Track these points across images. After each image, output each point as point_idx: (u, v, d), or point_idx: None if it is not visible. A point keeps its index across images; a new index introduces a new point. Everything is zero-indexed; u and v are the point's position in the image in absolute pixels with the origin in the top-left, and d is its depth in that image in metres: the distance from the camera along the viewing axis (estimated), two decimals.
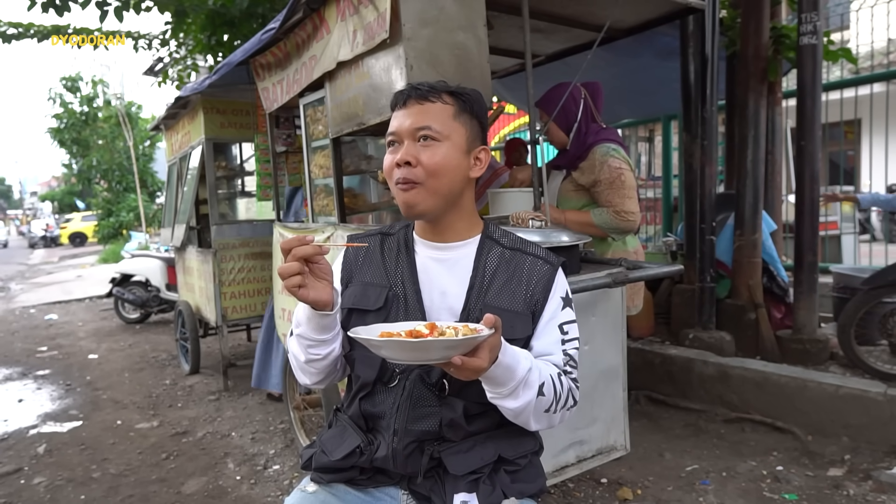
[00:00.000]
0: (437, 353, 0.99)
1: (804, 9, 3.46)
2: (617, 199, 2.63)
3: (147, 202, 16.49)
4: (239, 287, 4.37)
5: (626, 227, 2.67)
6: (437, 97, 1.22)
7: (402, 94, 1.24)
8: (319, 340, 1.20)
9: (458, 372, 1.01)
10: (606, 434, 2.31)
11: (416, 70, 1.98)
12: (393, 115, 1.25)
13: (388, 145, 1.26)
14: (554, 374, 1.19)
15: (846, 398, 2.95)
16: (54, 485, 3.07)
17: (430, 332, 1.03)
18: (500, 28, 3.15)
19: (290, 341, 1.27)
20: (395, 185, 1.22)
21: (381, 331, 1.06)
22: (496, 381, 1.09)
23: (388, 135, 1.25)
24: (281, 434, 3.54)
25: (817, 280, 3.66)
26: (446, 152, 1.20)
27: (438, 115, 1.21)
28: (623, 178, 2.63)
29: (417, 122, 1.20)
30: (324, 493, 1.27)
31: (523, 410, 1.14)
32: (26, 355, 6.04)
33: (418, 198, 1.20)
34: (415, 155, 1.19)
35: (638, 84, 4.56)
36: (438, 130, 1.20)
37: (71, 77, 19.05)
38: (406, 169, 1.19)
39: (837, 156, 6.34)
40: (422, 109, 1.21)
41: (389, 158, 1.23)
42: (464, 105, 1.24)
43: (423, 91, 1.22)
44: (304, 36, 2.65)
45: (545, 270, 1.27)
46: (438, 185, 1.20)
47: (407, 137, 1.21)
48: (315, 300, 1.11)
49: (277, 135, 3.52)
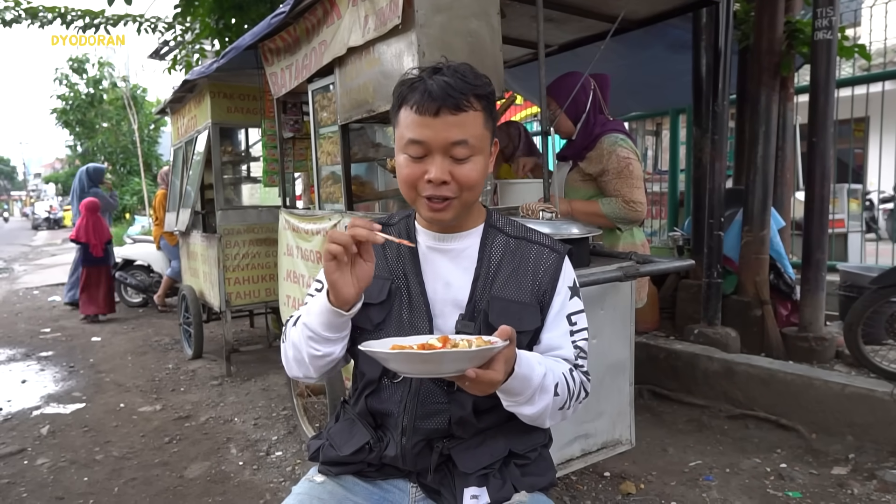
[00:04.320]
0: (450, 366, 0.95)
1: (820, 3, 3.42)
2: (625, 189, 2.63)
3: (151, 186, 16.47)
4: (243, 273, 4.36)
5: (635, 217, 2.67)
6: (469, 104, 1.10)
7: (432, 100, 1.09)
8: (324, 338, 1.14)
9: (473, 386, 0.98)
10: (612, 428, 2.30)
11: (429, 57, 1.95)
12: (414, 116, 1.10)
13: (404, 148, 1.14)
14: (566, 370, 1.17)
15: (852, 397, 2.94)
16: (57, 466, 3.08)
17: (443, 345, 0.99)
18: (512, 17, 3.11)
19: (291, 329, 1.22)
20: (422, 199, 1.15)
21: (393, 344, 1.02)
22: (512, 392, 1.07)
23: (409, 140, 1.12)
24: (283, 420, 3.54)
25: (825, 278, 3.64)
26: (481, 166, 1.15)
27: (472, 127, 1.11)
28: (631, 167, 2.63)
29: (453, 137, 1.10)
30: (332, 484, 1.26)
31: (540, 415, 1.12)
32: (30, 336, 6.05)
33: (450, 213, 1.15)
34: (449, 171, 1.11)
35: (648, 77, 4.53)
36: (473, 144, 1.12)
37: (78, 58, 18.98)
38: (441, 187, 1.12)
39: (845, 154, 6.29)
40: (456, 121, 1.10)
41: (415, 169, 1.13)
42: (489, 105, 1.15)
43: (456, 99, 1.09)
44: (315, 20, 2.62)
45: (552, 259, 1.24)
46: (471, 197, 1.16)
47: (439, 152, 1.11)
48: (338, 286, 1.05)
49: (285, 120, 3.50)
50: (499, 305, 1.18)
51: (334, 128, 2.70)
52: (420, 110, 1.09)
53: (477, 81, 1.13)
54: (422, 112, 1.09)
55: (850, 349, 3.44)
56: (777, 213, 4.10)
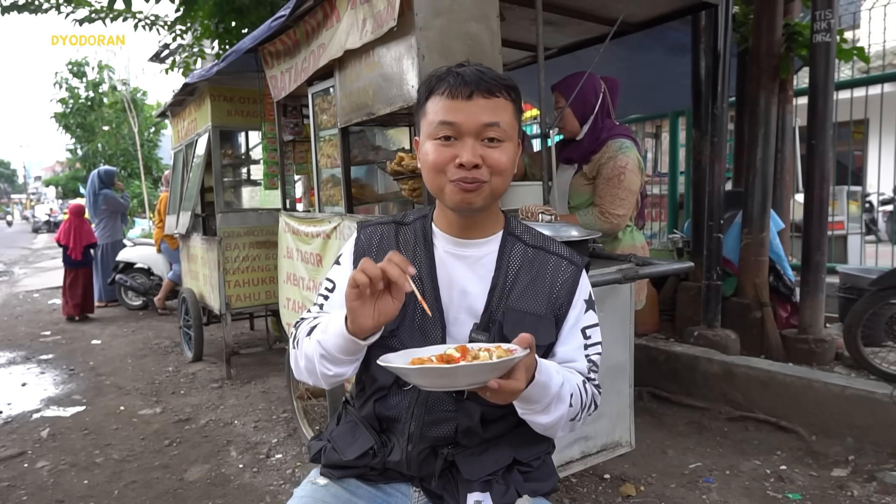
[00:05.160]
0: (472, 378, 0.93)
1: (818, 6, 3.43)
2: (608, 199, 2.62)
3: (151, 189, 16.47)
4: (243, 276, 4.37)
5: (609, 229, 2.66)
6: (501, 92, 1.11)
7: (465, 84, 1.09)
8: (338, 359, 1.11)
9: (495, 395, 0.96)
10: (612, 430, 2.30)
11: (428, 60, 1.96)
12: (446, 101, 1.10)
13: (433, 132, 1.13)
14: (579, 382, 1.16)
15: (851, 399, 2.94)
16: (57, 469, 3.08)
17: (461, 355, 0.98)
18: (511, 20, 3.12)
19: (304, 339, 1.18)
20: (450, 183, 1.12)
21: (412, 357, 1.00)
22: (530, 400, 1.06)
23: (441, 122, 1.11)
24: (283, 423, 3.54)
25: (824, 280, 3.65)
26: (511, 153, 1.14)
27: (504, 112, 1.12)
28: (622, 177, 2.61)
29: (486, 119, 1.09)
30: (335, 487, 1.25)
31: (554, 424, 1.12)
32: (30, 339, 6.05)
33: (480, 197, 1.13)
34: (482, 155, 1.10)
35: (647, 79, 4.53)
36: (505, 130, 1.11)
37: (77, 62, 18.99)
38: (473, 170, 1.10)
39: (844, 156, 6.30)
40: (489, 105, 1.10)
41: (445, 153, 1.11)
42: (517, 99, 1.16)
43: (489, 84, 1.10)
44: (314, 24, 2.63)
45: (570, 272, 1.22)
46: (502, 184, 1.14)
47: (470, 135, 1.10)
48: (356, 314, 1.02)
49: (285, 123, 3.51)
50: (514, 317, 1.16)
51: (334, 131, 2.70)
52: (453, 94, 1.10)
53: (504, 77, 1.14)
54: (454, 96, 1.10)
55: (849, 351, 3.44)
56: (776, 216, 4.11)
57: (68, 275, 6.83)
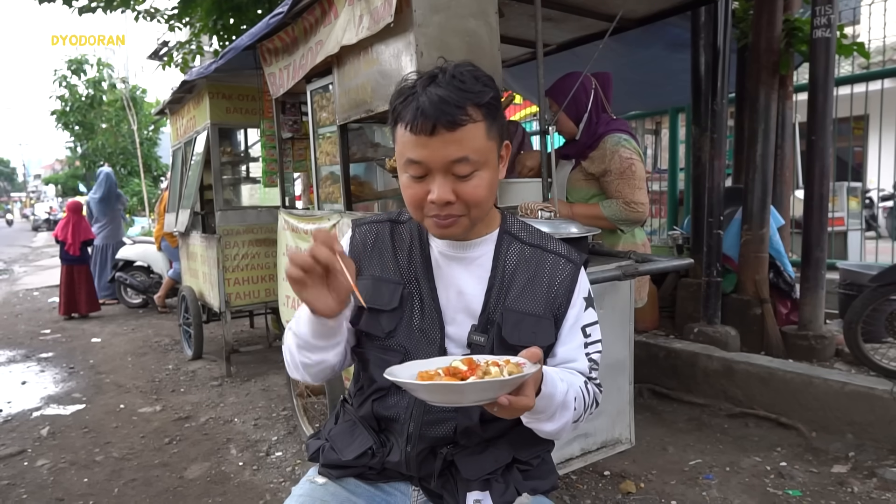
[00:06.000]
0: (482, 395, 0.91)
1: (818, 1, 3.41)
2: (627, 190, 2.62)
3: (151, 187, 16.47)
4: (243, 273, 4.36)
5: (636, 218, 2.66)
6: (467, 118, 1.02)
7: (426, 119, 1.01)
8: (314, 345, 1.11)
9: (503, 411, 0.94)
10: (611, 427, 2.30)
11: (427, 57, 1.95)
12: (410, 136, 1.04)
13: (404, 167, 1.08)
14: (581, 383, 1.15)
15: (851, 395, 2.94)
16: (57, 467, 3.08)
17: (469, 367, 0.96)
18: (510, 16, 3.12)
19: (287, 333, 1.20)
20: (429, 218, 1.10)
21: (418, 370, 0.99)
22: (536, 410, 1.03)
23: (407, 160, 1.06)
24: (283, 421, 3.54)
25: (824, 276, 3.64)
26: (487, 180, 1.08)
27: (473, 141, 1.04)
28: (633, 168, 2.63)
29: (453, 154, 1.03)
30: (334, 486, 1.24)
31: (559, 430, 1.11)
32: (30, 338, 6.05)
33: (459, 229, 1.10)
34: (453, 190, 1.06)
35: (647, 75, 4.52)
36: (476, 160, 1.05)
37: (76, 60, 18.96)
38: (446, 207, 1.06)
39: (845, 152, 6.29)
40: (454, 138, 1.02)
41: (418, 190, 1.07)
42: (491, 112, 1.06)
43: (452, 113, 1.01)
44: (312, 20, 2.62)
45: (568, 270, 1.20)
46: (479, 213, 1.11)
47: (439, 171, 1.05)
48: (312, 303, 1.02)
49: (284, 121, 3.50)
50: (513, 318, 1.15)
51: (333, 128, 2.70)
52: (415, 129, 1.02)
53: (476, 87, 1.04)
54: (417, 132, 1.02)
55: (849, 347, 3.44)
56: (776, 212, 4.10)
57: (67, 271, 6.81)
